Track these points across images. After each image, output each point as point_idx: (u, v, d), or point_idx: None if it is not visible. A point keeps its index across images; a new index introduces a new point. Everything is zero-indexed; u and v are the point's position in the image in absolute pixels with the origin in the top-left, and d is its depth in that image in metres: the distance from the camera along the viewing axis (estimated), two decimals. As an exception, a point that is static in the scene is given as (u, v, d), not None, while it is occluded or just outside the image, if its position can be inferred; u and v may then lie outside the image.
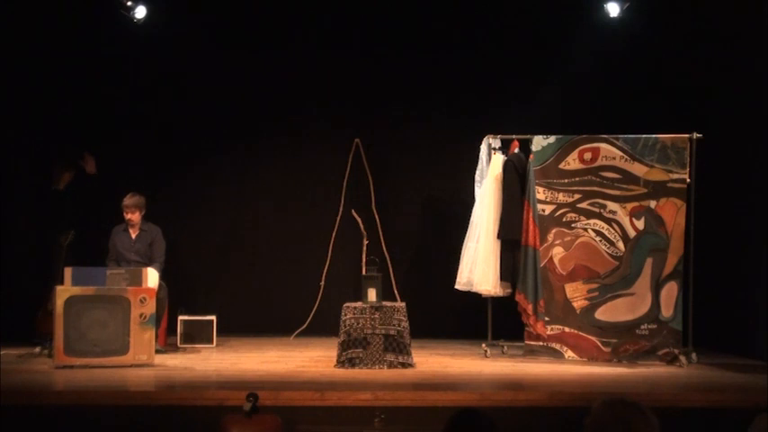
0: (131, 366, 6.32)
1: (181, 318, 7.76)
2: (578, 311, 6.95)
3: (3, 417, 4.91)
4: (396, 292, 8.17)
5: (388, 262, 8.28)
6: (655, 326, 6.82)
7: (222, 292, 8.53)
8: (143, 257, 7.48)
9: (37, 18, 7.83)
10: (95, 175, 7.98)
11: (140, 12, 7.96)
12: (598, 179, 6.97)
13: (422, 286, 8.34)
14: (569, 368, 6.58)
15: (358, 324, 6.48)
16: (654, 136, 6.91)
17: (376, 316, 6.49)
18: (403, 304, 6.66)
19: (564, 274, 6.99)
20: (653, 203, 6.88)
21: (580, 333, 6.94)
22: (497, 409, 4.84)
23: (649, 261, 6.86)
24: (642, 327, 6.84)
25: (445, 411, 3.50)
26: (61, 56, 8.07)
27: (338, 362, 6.45)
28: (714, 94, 7.50)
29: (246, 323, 8.38)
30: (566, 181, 7.02)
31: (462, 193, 7.70)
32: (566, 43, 8.05)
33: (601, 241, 6.94)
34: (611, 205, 6.94)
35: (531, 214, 6.89)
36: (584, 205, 6.99)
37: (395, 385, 5.61)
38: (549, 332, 6.94)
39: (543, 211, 7.02)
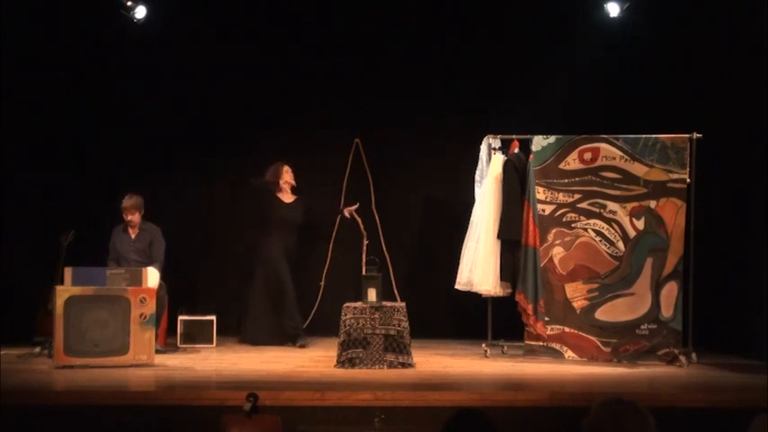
0: (131, 366, 6.32)
1: (181, 318, 7.76)
2: (578, 311, 6.95)
3: (3, 417, 4.90)
4: (396, 292, 8.16)
5: (388, 262, 8.27)
6: (655, 326, 6.82)
7: (222, 292, 8.52)
8: (143, 257, 7.49)
9: (37, 18, 7.83)
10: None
11: (140, 12, 7.96)
12: (598, 179, 6.97)
13: (422, 286, 8.33)
14: (569, 368, 6.58)
15: (358, 324, 6.47)
16: (654, 136, 6.91)
17: (376, 316, 6.49)
18: (403, 304, 6.66)
19: (564, 274, 6.99)
20: (653, 203, 6.88)
21: (580, 333, 6.94)
22: (497, 409, 4.83)
23: (649, 261, 6.86)
24: (642, 327, 6.84)
25: (445, 411, 3.49)
26: (61, 55, 8.06)
27: (338, 362, 6.45)
28: (714, 94, 7.49)
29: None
30: (566, 181, 7.02)
31: (462, 193, 7.69)
32: (566, 43, 8.05)
33: (601, 241, 6.94)
34: (611, 205, 6.94)
35: (531, 214, 6.88)
36: (584, 205, 6.99)
37: (395, 385, 5.61)
38: (549, 332, 6.94)
39: (543, 211, 7.02)
